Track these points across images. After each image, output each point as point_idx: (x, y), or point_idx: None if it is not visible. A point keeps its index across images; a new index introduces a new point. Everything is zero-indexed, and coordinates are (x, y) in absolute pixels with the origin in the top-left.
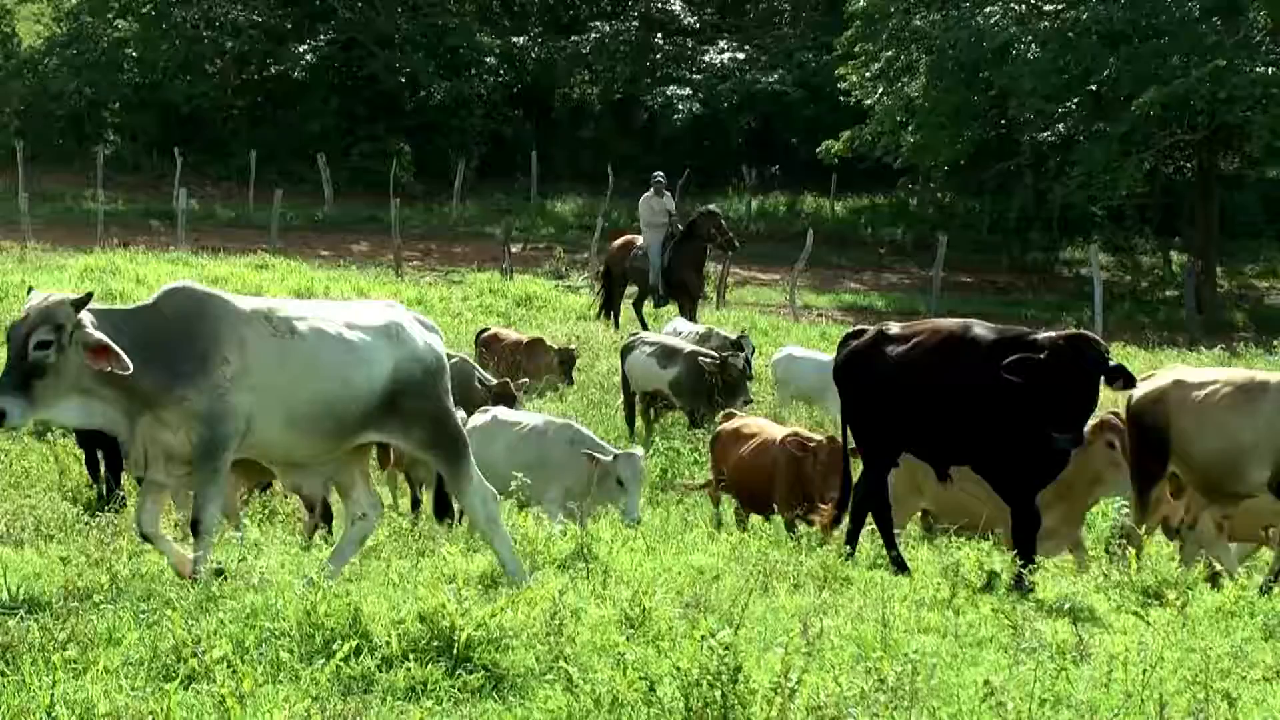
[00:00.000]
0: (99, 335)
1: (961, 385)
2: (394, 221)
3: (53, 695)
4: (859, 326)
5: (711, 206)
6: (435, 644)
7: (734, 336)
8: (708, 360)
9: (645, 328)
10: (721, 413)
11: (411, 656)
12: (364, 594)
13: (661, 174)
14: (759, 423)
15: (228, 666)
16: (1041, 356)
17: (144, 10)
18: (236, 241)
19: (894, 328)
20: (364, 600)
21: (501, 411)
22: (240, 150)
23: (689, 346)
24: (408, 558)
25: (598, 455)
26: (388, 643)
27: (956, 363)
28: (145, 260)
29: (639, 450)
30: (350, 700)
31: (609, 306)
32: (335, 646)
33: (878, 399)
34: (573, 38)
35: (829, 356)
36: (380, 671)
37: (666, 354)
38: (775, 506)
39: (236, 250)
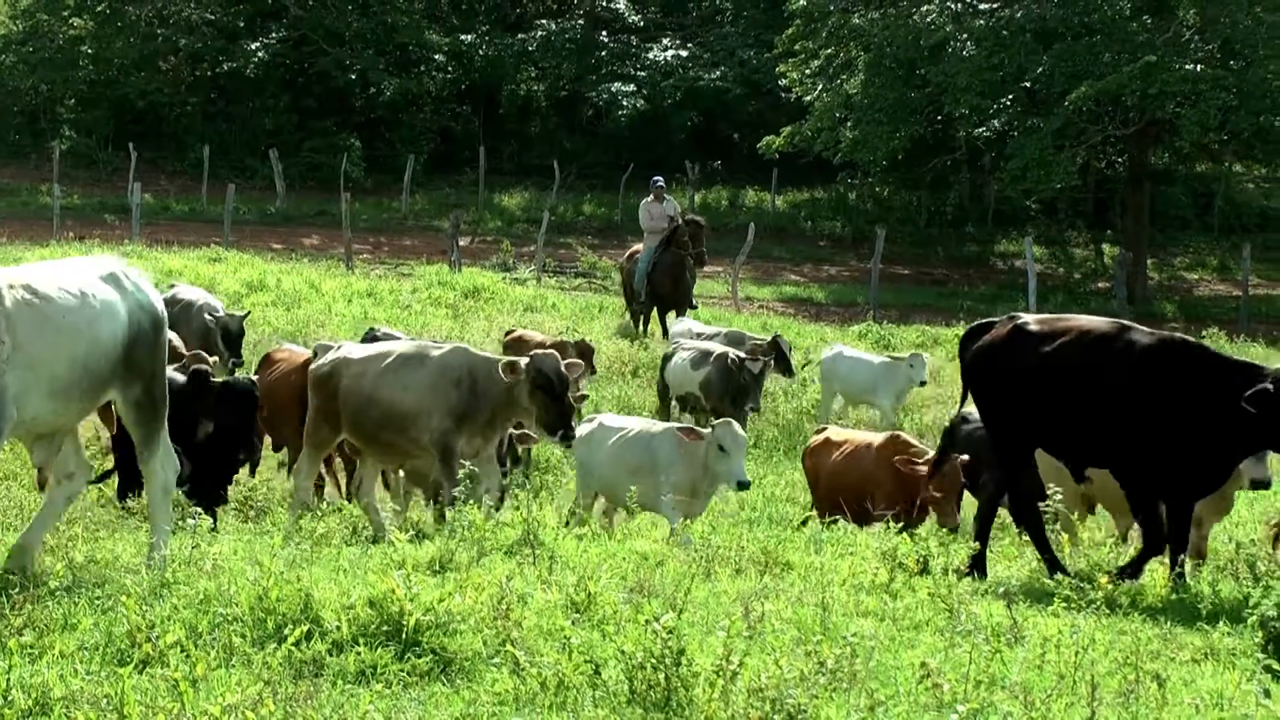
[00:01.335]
0: None
1: (1120, 388)
2: (344, 215)
3: (9, 680)
4: (985, 319)
5: (697, 216)
6: (385, 628)
7: (766, 339)
8: (733, 360)
9: (666, 335)
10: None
11: (361, 641)
12: (315, 580)
13: (660, 179)
14: (843, 431)
15: (181, 651)
16: (1272, 388)
17: (99, 8)
18: (190, 235)
19: (1031, 323)
20: (315, 586)
21: (607, 418)
22: (194, 145)
23: (720, 348)
24: (358, 544)
25: (696, 429)
26: (338, 627)
27: (1115, 364)
28: (101, 254)
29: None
30: (301, 683)
31: (635, 315)
32: (287, 631)
33: (1018, 396)
34: (519, 36)
35: (878, 357)
36: (331, 655)
37: (700, 356)
38: (873, 515)
39: (190, 244)
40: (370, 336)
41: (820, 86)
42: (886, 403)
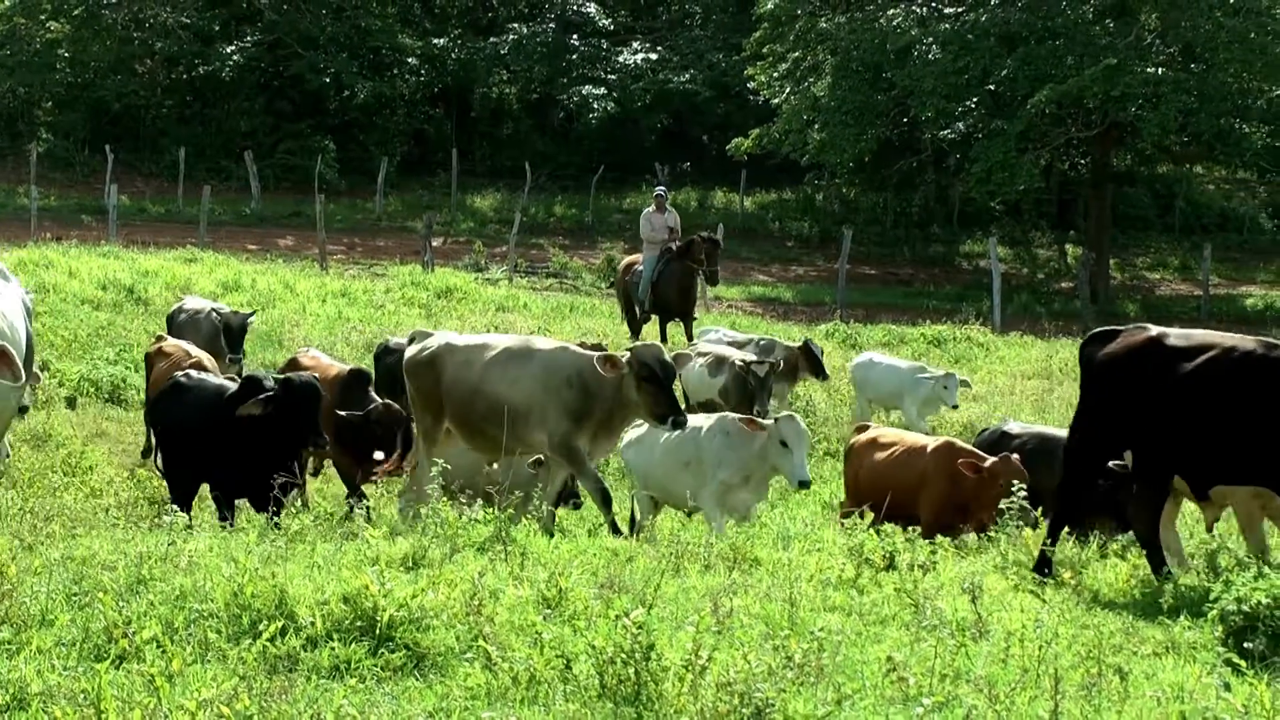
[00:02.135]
0: None
1: (1271, 406)
2: (319, 216)
3: None
4: (1108, 327)
5: (716, 235)
6: (358, 624)
7: (797, 343)
8: (740, 365)
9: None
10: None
11: (335, 636)
12: (290, 576)
13: (663, 188)
14: (893, 431)
15: (157, 647)
16: None
17: (76, 12)
18: (166, 236)
19: (1171, 336)
20: (289, 582)
21: None
22: (170, 147)
23: (738, 355)
24: (332, 541)
25: (760, 421)
26: (312, 623)
27: (1265, 382)
28: (78, 254)
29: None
30: (276, 679)
31: (634, 328)
32: (262, 627)
33: (1148, 408)
34: (491, 39)
35: (908, 363)
36: (305, 651)
37: (717, 364)
38: (920, 517)
39: (166, 244)
40: (384, 349)
41: (788, 89)
42: (913, 410)
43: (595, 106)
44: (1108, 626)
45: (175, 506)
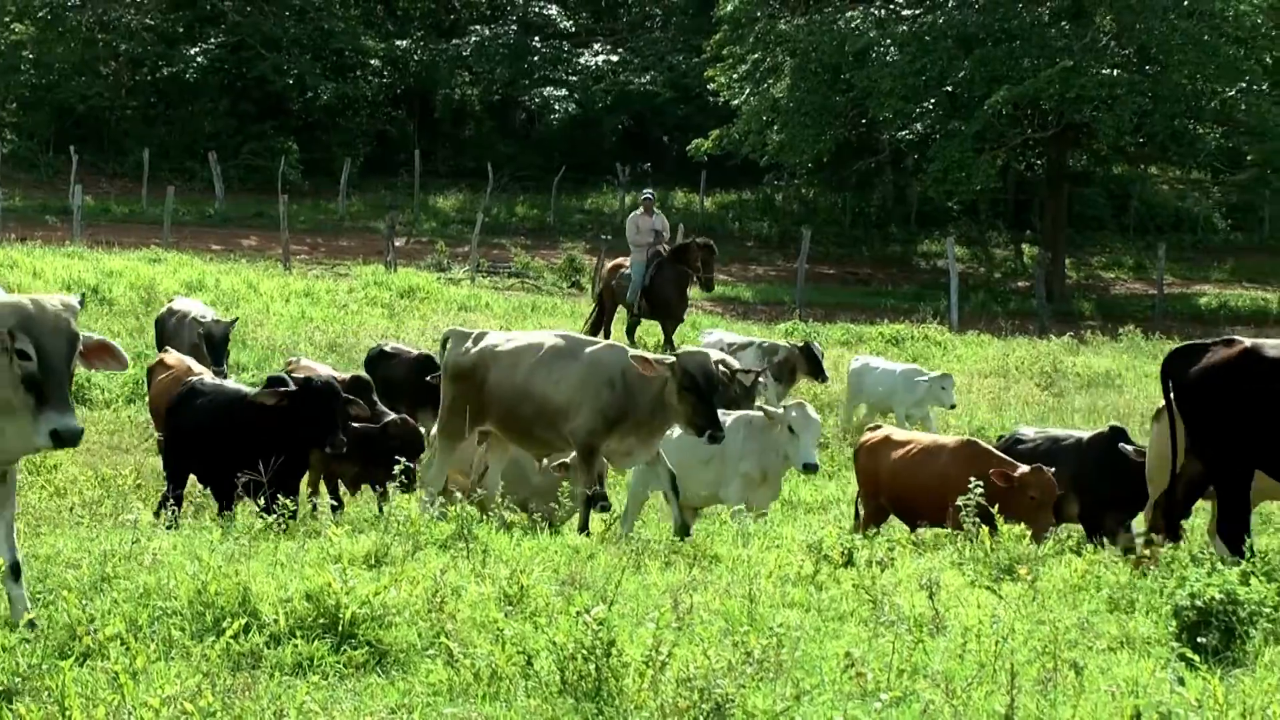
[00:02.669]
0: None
1: None
2: (282, 217)
3: None
4: (1198, 340)
5: (709, 241)
6: (321, 621)
7: (799, 345)
8: (724, 372)
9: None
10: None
11: (298, 633)
12: (253, 574)
13: (650, 191)
14: (905, 431)
15: (121, 644)
16: None
17: (40, 14)
18: (130, 236)
19: (1266, 347)
20: (253, 580)
21: None
22: (134, 148)
23: (728, 361)
24: (295, 539)
25: (770, 410)
26: (276, 620)
27: None
28: (42, 254)
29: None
30: (239, 675)
31: (597, 328)
32: (225, 624)
33: (1247, 420)
34: (453, 41)
35: (902, 366)
36: (269, 648)
37: None
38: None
39: (130, 245)
40: (378, 353)
41: (747, 91)
42: (901, 412)
43: (557, 108)
44: (1063, 622)
45: (171, 484)
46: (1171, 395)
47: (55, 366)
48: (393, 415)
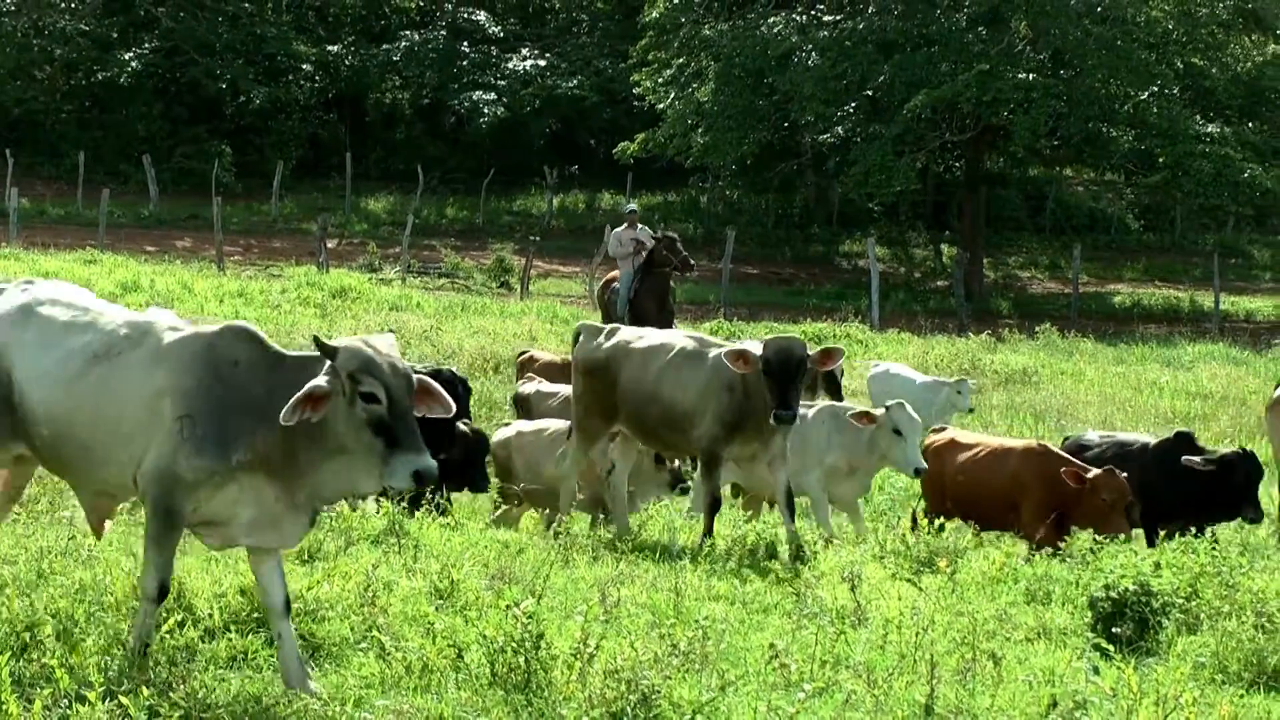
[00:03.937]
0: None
1: None
2: (216, 219)
3: None
4: None
5: (670, 232)
6: (255, 615)
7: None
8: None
9: None
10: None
11: (233, 628)
12: (187, 570)
13: (634, 206)
14: (971, 434)
15: (58, 639)
16: None
17: None
18: (66, 238)
19: None
20: (187, 575)
21: None
22: (69, 151)
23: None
24: None
25: (870, 411)
26: (210, 615)
27: None
28: None
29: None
30: (175, 669)
31: None
32: (161, 619)
33: None
34: (384, 46)
35: (922, 376)
36: (203, 642)
37: None
38: (1014, 523)
39: (66, 246)
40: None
41: (673, 94)
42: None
43: (485, 111)
44: (982, 613)
45: None
46: None
47: (405, 408)
48: (464, 427)
